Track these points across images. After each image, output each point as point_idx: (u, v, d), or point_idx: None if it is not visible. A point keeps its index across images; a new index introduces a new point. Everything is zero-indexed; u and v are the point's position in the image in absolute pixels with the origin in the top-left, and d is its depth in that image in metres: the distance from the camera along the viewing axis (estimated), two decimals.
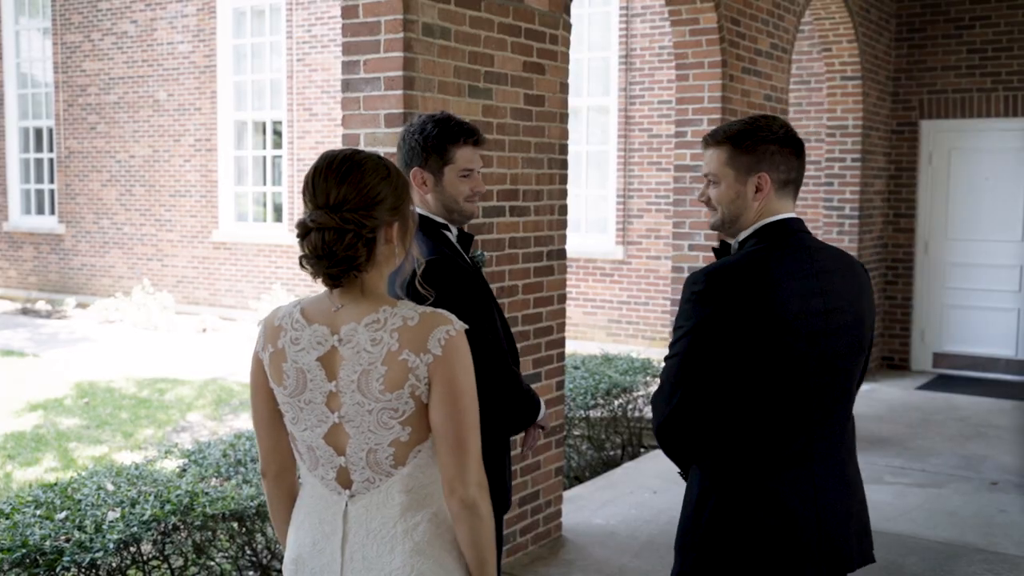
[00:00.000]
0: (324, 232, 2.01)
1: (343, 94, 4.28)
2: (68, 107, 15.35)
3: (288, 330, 2.12)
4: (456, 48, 4.35)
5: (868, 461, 6.74)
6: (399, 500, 2.10)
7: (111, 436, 7.67)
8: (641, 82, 11.04)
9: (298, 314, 2.13)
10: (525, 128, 4.81)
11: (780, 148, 2.52)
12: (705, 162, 2.60)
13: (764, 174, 2.51)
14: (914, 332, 10.15)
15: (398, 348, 2.03)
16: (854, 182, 9.38)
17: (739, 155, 2.51)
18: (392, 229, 2.09)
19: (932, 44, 9.83)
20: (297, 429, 2.16)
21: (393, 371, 2.03)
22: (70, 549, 3.70)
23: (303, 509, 2.22)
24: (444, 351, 2.04)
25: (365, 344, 2.05)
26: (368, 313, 2.07)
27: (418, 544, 2.09)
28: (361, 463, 2.10)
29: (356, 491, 2.12)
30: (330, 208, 2.02)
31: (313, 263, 2.05)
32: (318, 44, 13.20)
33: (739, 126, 2.56)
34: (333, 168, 2.05)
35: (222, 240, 14.16)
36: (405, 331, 2.04)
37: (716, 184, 2.55)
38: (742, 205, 2.53)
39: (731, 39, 6.72)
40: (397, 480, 2.10)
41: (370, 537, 2.11)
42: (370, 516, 2.11)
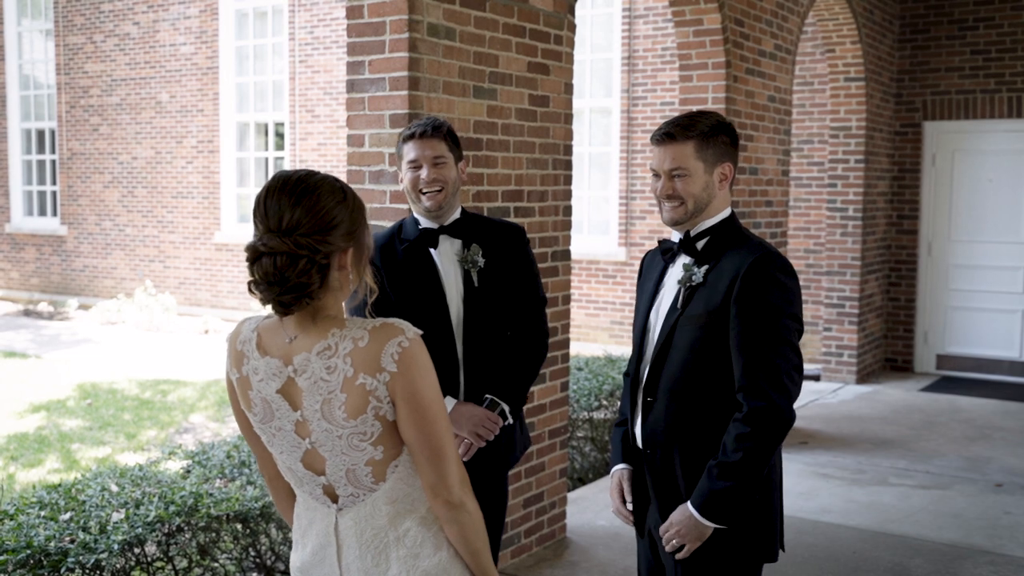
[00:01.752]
0: (276, 257, 1.93)
1: (348, 94, 4.27)
2: (70, 109, 15.35)
3: (249, 358, 2.07)
4: (461, 48, 4.34)
5: (872, 463, 6.73)
6: (385, 511, 2.09)
7: (114, 437, 7.66)
8: (644, 83, 11.03)
9: (254, 344, 2.07)
10: (530, 128, 4.80)
11: (731, 140, 2.74)
12: (668, 157, 2.69)
13: (728, 163, 2.73)
14: (917, 334, 10.13)
15: (353, 373, 1.96)
16: (857, 183, 9.36)
17: (706, 147, 2.68)
18: (347, 255, 2.01)
19: (936, 45, 9.82)
20: (275, 452, 2.14)
21: (353, 397, 1.97)
22: (75, 550, 3.69)
23: (304, 517, 2.21)
24: (400, 366, 1.97)
25: (321, 373, 1.98)
26: (319, 340, 1.99)
27: (411, 549, 2.09)
28: (342, 481, 2.08)
29: (343, 504, 2.11)
30: (283, 232, 1.93)
31: (263, 289, 1.96)
32: (320, 46, 13.20)
33: (699, 119, 2.71)
34: (287, 190, 1.96)
35: (224, 242, 14.15)
36: (357, 353, 1.97)
37: (683, 177, 2.67)
38: (710, 194, 2.70)
39: (735, 40, 6.71)
40: (381, 494, 2.08)
41: (363, 548, 2.10)
42: (360, 528, 2.10)
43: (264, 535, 4.51)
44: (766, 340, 2.55)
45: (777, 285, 2.58)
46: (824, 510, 5.76)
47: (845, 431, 7.61)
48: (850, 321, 9.44)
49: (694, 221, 2.72)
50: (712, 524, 2.58)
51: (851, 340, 9.45)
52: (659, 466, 2.75)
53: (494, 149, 4.58)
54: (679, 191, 2.67)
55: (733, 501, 2.56)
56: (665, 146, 2.69)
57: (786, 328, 2.57)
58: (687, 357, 2.66)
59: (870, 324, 9.78)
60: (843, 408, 8.43)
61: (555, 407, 5.13)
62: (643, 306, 2.86)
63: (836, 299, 9.49)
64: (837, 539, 5.29)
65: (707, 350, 2.63)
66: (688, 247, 2.74)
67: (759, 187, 7.16)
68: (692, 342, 2.65)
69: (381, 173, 4.23)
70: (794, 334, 2.60)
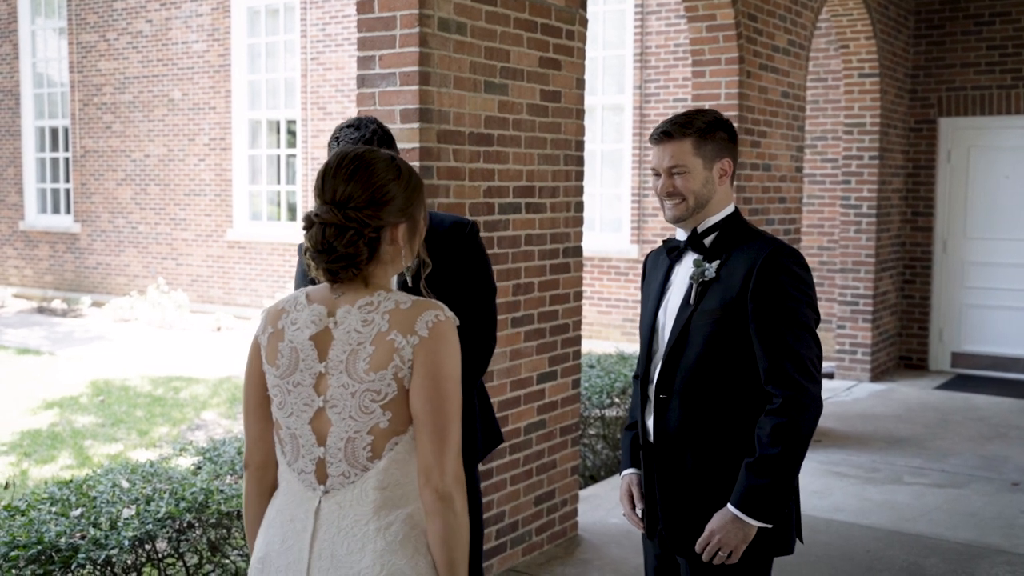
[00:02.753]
0: (325, 227, 2.04)
1: (358, 89, 4.25)
2: (83, 106, 15.39)
3: (290, 311, 2.14)
4: (472, 43, 4.32)
5: (887, 461, 6.68)
6: (373, 498, 2.07)
7: (126, 434, 7.67)
8: (656, 80, 10.99)
9: (302, 297, 2.15)
10: (541, 124, 4.78)
11: (728, 135, 2.75)
12: (667, 155, 2.71)
13: (727, 159, 2.74)
14: (932, 332, 10.06)
15: (387, 328, 2.03)
16: (872, 180, 9.30)
17: (704, 143, 2.70)
18: (398, 230, 2.09)
19: (951, 41, 9.75)
20: (283, 415, 2.15)
21: (380, 351, 2.03)
22: (85, 546, 3.69)
23: (275, 507, 2.19)
24: (430, 333, 2.03)
25: (356, 325, 2.06)
26: (363, 297, 2.08)
27: (390, 544, 2.05)
28: (339, 454, 2.08)
29: (331, 486, 2.10)
30: (335, 204, 2.04)
31: (314, 256, 2.07)
32: (332, 43, 13.20)
33: (696, 116, 2.72)
34: (343, 166, 2.07)
35: (236, 239, 14.17)
36: (396, 313, 2.05)
37: (683, 174, 2.69)
38: (711, 191, 2.72)
39: (748, 35, 6.67)
40: (372, 475, 2.07)
41: (341, 535, 2.08)
42: (343, 513, 2.08)
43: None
44: (789, 330, 2.56)
45: (794, 276, 2.60)
46: (838, 508, 5.72)
47: (859, 429, 7.55)
48: (864, 319, 9.38)
49: (697, 218, 2.74)
50: (757, 523, 2.56)
51: (865, 338, 9.39)
52: (669, 461, 2.73)
53: (505, 145, 4.56)
54: (679, 188, 2.70)
55: (777, 496, 2.56)
56: (663, 144, 2.73)
57: (806, 317, 2.60)
58: (702, 352, 2.65)
59: (884, 322, 9.72)
60: (857, 406, 8.38)
61: (567, 404, 5.11)
62: (650, 306, 2.85)
63: (850, 297, 9.43)
64: (851, 538, 5.25)
65: (723, 344, 2.63)
66: (695, 244, 2.75)
67: (772, 184, 7.12)
68: (707, 337, 2.64)
69: None
70: (813, 323, 2.62)
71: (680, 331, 2.69)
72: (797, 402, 2.54)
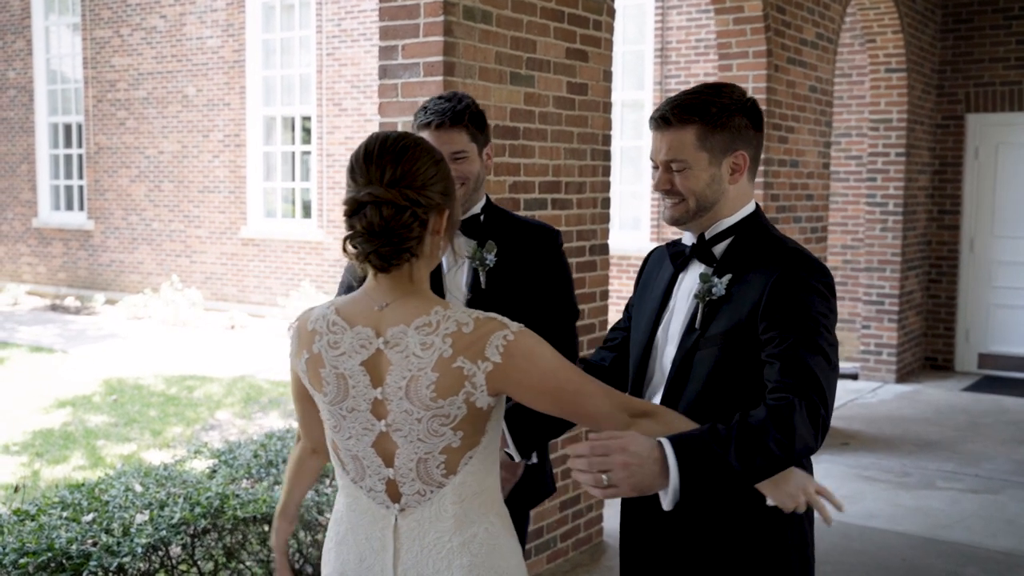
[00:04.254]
0: (382, 207, 1.87)
1: (380, 80, 4.11)
2: (97, 103, 15.30)
3: (324, 333, 1.98)
4: (498, 33, 4.17)
5: (918, 465, 6.51)
6: (452, 512, 1.97)
7: (139, 434, 7.55)
8: (677, 75, 10.82)
9: (334, 316, 1.98)
10: (568, 117, 4.62)
11: (749, 121, 2.23)
12: (664, 146, 2.22)
13: (741, 152, 2.23)
14: (959, 332, 9.87)
15: (452, 354, 1.88)
16: (898, 177, 9.12)
17: (711, 133, 2.19)
18: (443, 217, 1.96)
19: (979, 35, 9.55)
20: (341, 437, 2.02)
21: (446, 378, 1.88)
22: (97, 553, 3.56)
23: (344, 523, 2.09)
24: (504, 358, 1.88)
25: (415, 348, 1.90)
26: (418, 315, 1.91)
27: (476, 556, 1.97)
28: (411, 474, 1.97)
29: (406, 504, 1.99)
30: (389, 184, 1.89)
31: (363, 242, 1.89)
32: (348, 38, 13.06)
33: (704, 98, 2.20)
34: (388, 147, 1.94)
35: (251, 236, 14.06)
36: (460, 337, 1.88)
37: (683, 171, 2.20)
38: (718, 191, 2.22)
39: (776, 28, 6.50)
40: (449, 490, 1.97)
41: (425, 552, 1.98)
42: (423, 531, 1.98)
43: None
44: (808, 352, 2.04)
45: (817, 294, 2.11)
46: (870, 515, 5.55)
47: (887, 432, 7.38)
48: (890, 319, 9.20)
49: (704, 221, 2.26)
50: (674, 478, 1.86)
51: (891, 338, 9.21)
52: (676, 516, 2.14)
53: (531, 138, 4.40)
54: (678, 186, 2.22)
55: (719, 473, 1.89)
56: (661, 132, 2.22)
57: (826, 342, 2.07)
58: (706, 385, 2.17)
59: (910, 322, 9.53)
60: (883, 408, 8.20)
61: None
62: (645, 320, 2.36)
63: (875, 296, 9.24)
64: (885, 546, 5.09)
65: (729, 375, 2.15)
66: (703, 252, 2.27)
67: (799, 180, 6.95)
68: (712, 367, 2.16)
69: None
70: (834, 352, 2.10)
71: (682, 360, 2.21)
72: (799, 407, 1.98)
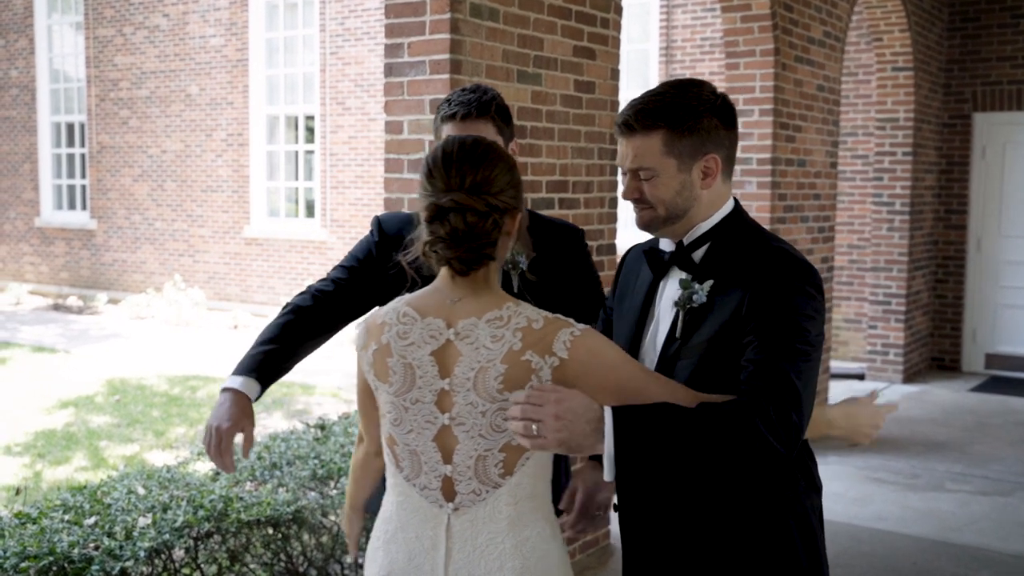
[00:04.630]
0: (466, 213, 1.92)
1: (386, 78, 4.06)
2: (100, 102, 15.27)
3: (393, 325, 2.02)
4: (505, 30, 4.12)
5: (927, 467, 6.46)
6: (507, 513, 1.98)
7: (142, 435, 7.51)
8: (682, 74, 10.76)
9: (405, 307, 2.03)
10: (575, 116, 4.57)
11: (720, 121, 2.10)
12: (630, 153, 2.09)
13: (712, 155, 2.09)
14: (965, 332, 9.81)
15: (521, 348, 1.91)
16: (905, 177, 9.06)
17: (679, 138, 2.06)
18: (515, 220, 2.02)
19: (987, 34, 9.48)
20: (400, 432, 2.05)
21: (514, 370, 1.91)
22: (99, 557, 3.51)
23: (393, 522, 2.10)
24: (571, 353, 1.91)
25: (485, 340, 1.94)
26: (490, 308, 1.96)
27: (527, 560, 1.98)
28: (468, 472, 1.99)
29: (460, 504, 2.01)
30: (471, 190, 1.94)
31: (446, 247, 1.94)
32: (351, 37, 13.02)
33: (669, 100, 2.07)
34: (466, 152, 1.98)
35: (254, 236, 14.02)
36: (529, 332, 1.92)
37: (652, 178, 2.08)
38: (689, 197, 2.10)
39: (784, 26, 6.45)
40: (505, 491, 1.98)
41: (477, 553, 1.99)
42: (476, 531, 2.00)
43: (296, 540, 4.32)
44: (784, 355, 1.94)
45: (802, 295, 1.99)
46: (879, 517, 5.50)
47: (895, 433, 7.32)
48: (896, 319, 9.14)
49: (678, 229, 2.14)
50: (608, 445, 1.82)
51: (897, 338, 9.15)
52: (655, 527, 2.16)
53: (539, 137, 4.36)
54: (646, 195, 2.10)
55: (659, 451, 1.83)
56: (626, 138, 2.09)
57: (811, 346, 1.97)
58: None
59: (917, 322, 9.48)
60: None
61: None
62: (627, 328, 2.25)
63: (882, 296, 9.19)
64: (895, 548, 5.03)
65: (711, 385, 2.02)
66: (682, 260, 2.14)
67: (807, 180, 6.90)
68: (692, 376, 2.05)
69: (421, 162, 4.00)
70: (814, 364, 1.98)
71: (663, 370, 2.10)
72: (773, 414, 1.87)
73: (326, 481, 4.51)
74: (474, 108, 2.69)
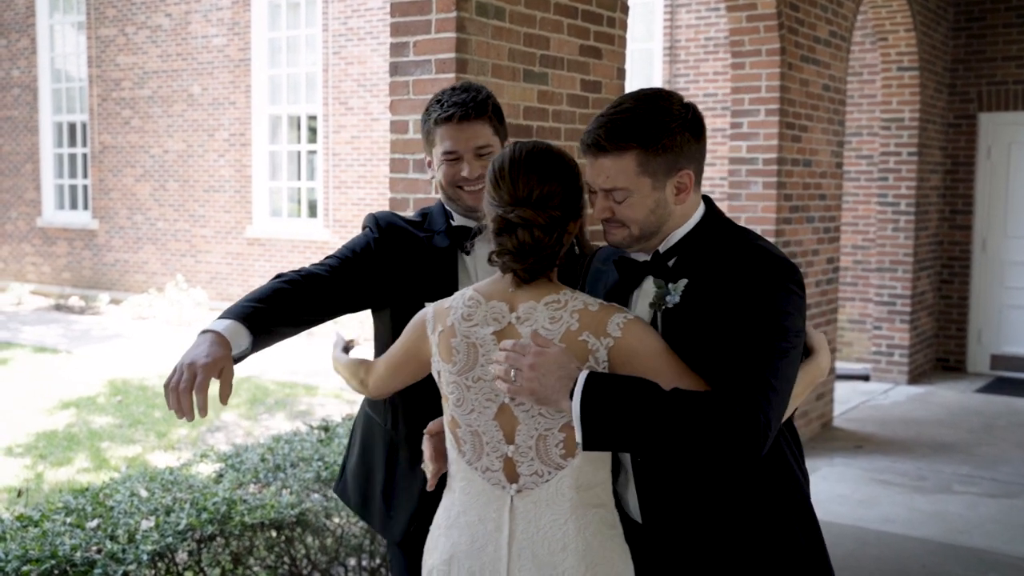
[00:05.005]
0: (533, 229, 1.99)
1: (391, 78, 4.02)
2: (102, 102, 15.24)
3: (459, 308, 2.09)
4: (511, 29, 4.08)
5: (934, 468, 6.42)
6: (570, 496, 2.01)
7: (144, 436, 7.48)
8: (686, 75, 10.73)
9: (471, 292, 2.10)
10: (581, 116, 4.54)
11: (691, 135, 2.03)
12: (601, 173, 2.02)
13: (686, 171, 2.03)
14: (970, 333, 9.77)
15: (578, 328, 1.97)
16: (910, 177, 9.02)
17: (653, 157, 1.99)
18: (577, 223, 2.08)
19: (992, 33, 9.45)
20: (462, 412, 2.09)
21: (571, 349, 1.96)
22: (102, 561, 3.48)
23: (456, 507, 2.13)
24: (624, 332, 1.96)
25: (544, 322, 2.00)
26: (548, 294, 2.03)
27: (591, 544, 2.01)
28: (530, 452, 2.02)
29: (524, 485, 2.04)
30: (536, 203, 1.99)
31: (512, 259, 2.01)
32: (354, 37, 12.98)
33: (642, 116, 1.98)
34: (534, 161, 2.02)
35: (256, 236, 13.98)
36: (586, 314, 1.98)
37: (625, 199, 2.01)
38: (663, 214, 2.04)
39: (790, 25, 6.41)
40: (568, 474, 2.02)
41: (540, 534, 2.02)
42: (539, 512, 2.03)
43: (299, 543, 4.29)
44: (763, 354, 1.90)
45: (783, 292, 1.95)
46: (886, 519, 5.46)
47: (901, 435, 7.28)
48: (901, 319, 9.10)
49: (652, 243, 2.09)
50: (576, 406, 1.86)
51: (903, 339, 9.11)
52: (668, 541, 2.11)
53: (544, 137, 4.32)
54: (619, 215, 2.03)
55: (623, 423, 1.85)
56: (596, 158, 2.02)
57: (791, 346, 1.94)
58: None
59: (922, 323, 9.44)
60: (896, 410, 8.10)
61: None
62: None
63: (887, 297, 9.15)
64: (903, 551, 5.00)
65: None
66: (658, 268, 2.09)
67: (813, 180, 6.86)
68: None
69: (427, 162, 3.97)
70: (794, 360, 1.95)
71: None
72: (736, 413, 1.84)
73: (330, 483, 4.48)
74: (471, 109, 2.55)
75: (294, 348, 11.44)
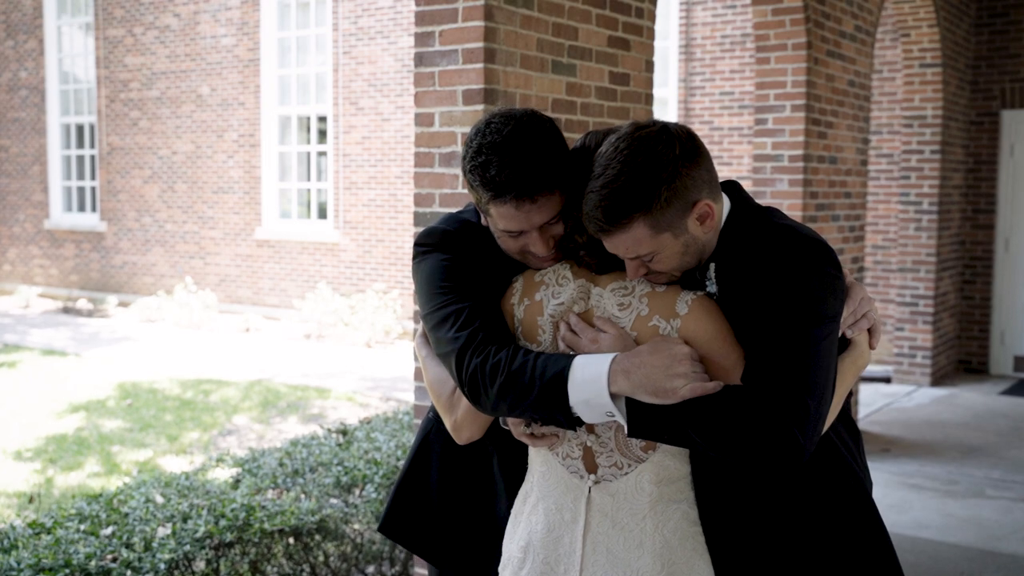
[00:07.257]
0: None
1: (416, 68, 3.88)
2: (110, 103, 15.13)
3: (551, 285, 2.02)
4: (539, 19, 3.94)
5: (964, 472, 6.26)
6: (649, 491, 1.94)
7: (155, 439, 7.34)
8: (702, 73, 10.58)
9: (566, 270, 2.02)
10: (609, 109, 4.40)
11: (690, 164, 1.87)
12: (619, 246, 1.89)
13: (702, 201, 1.89)
14: (993, 334, 9.61)
15: (648, 313, 1.91)
16: (933, 175, 8.86)
17: (662, 213, 1.85)
18: None
19: (1015, 30, 9.29)
20: None
21: (644, 336, 1.90)
22: (117, 569, 3.36)
23: (535, 493, 2.07)
24: (691, 309, 1.89)
25: (612, 310, 1.95)
26: (614, 280, 1.98)
27: (669, 541, 1.93)
28: (610, 443, 1.96)
29: (602, 476, 1.98)
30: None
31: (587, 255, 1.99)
32: (365, 36, 12.85)
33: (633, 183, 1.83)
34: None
35: (265, 238, 13.86)
36: (654, 296, 1.93)
37: (653, 258, 1.90)
38: (698, 247, 1.93)
39: (816, 19, 6.26)
40: (648, 467, 1.95)
41: (616, 529, 1.95)
42: (617, 506, 1.96)
43: (319, 550, 4.15)
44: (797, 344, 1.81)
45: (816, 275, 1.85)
46: (920, 525, 5.31)
47: (928, 438, 7.13)
48: (924, 321, 8.94)
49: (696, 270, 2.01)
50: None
51: (925, 341, 8.95)
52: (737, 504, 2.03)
53: (572, 130, 4.18)
54: (655, 269, 1.93)
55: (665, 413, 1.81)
56: (607, 237, 1.89)
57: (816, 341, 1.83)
58: None
59: (944, 324, 9.28)
60: (921, 412, 7.94)
61: None
62: None
63: (909, 297, 8.99)
64: (940, 558, 4.84)
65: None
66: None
67: (838, 177, 6.71)
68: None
69: (452, 155, 3.83)
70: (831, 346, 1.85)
71: None
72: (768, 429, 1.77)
73: (350, 489, 4.34)
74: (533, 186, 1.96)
75: (305, 351, 11.30)
